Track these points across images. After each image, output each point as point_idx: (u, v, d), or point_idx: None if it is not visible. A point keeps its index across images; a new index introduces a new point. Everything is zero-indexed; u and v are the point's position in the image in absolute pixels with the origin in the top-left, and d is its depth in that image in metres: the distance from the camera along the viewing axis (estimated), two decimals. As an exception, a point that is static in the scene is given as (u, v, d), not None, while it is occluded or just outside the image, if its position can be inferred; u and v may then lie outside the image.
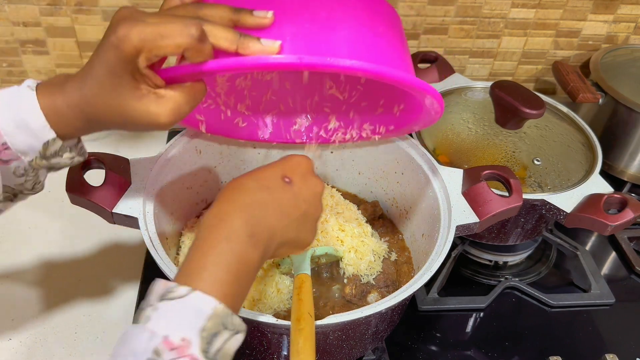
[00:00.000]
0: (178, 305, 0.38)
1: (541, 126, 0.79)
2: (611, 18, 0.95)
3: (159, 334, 0.37)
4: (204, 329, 0.38)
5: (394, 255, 0.70)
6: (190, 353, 0.37)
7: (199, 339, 0.38)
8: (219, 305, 0.39)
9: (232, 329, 0.40)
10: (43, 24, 0.86)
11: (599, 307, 0.77)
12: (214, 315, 0.39)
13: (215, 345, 0.38)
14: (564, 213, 0.68)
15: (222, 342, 0.39)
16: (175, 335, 0.37)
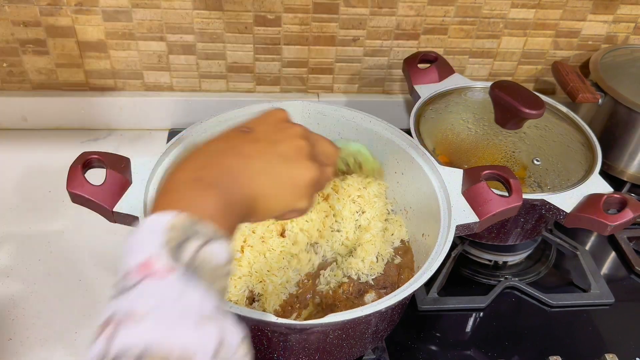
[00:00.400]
0: (136, 231, 0.36)
1: (541, 126, 0.79)
2: (611, 18, 0.96)
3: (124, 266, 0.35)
4: (167, 240, 0.35)
5: (398, 258, 0.70)
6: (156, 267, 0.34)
7: (163, 251, 0.34)
8: (178, 215, 0.36)
9: (202, 234, 0.36)
10: (43, 24, 0.86)
11: (599, 307, 0.77)
12: (173, 225, 0.35)
13: (187, 251, 0.35)
14: (564, 213, 0.68)
15: (195, 248, 0.35)
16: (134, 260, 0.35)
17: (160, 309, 0.33)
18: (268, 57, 0.94)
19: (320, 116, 0.75)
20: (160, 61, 0.92)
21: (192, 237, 0.35)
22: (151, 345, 0.31)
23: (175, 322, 0.32)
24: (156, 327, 0.32)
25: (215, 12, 0.87)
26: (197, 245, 0.35)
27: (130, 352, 0.30)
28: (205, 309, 0.34)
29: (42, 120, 0.95)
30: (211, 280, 0.36)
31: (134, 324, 0.32)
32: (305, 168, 0.44)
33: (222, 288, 0.37)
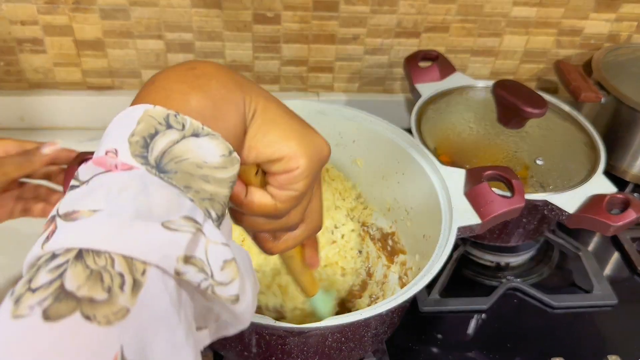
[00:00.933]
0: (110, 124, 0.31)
1: (543, 126, 0.78)
2: (613, 17, 0.95)
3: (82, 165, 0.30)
4: (132, 133, 0.29)
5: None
6: (116, 161, 0.29)
7: (127, 144, 0.29)
8: (154, 107, 0.30)
9: (180, 127, 0.30)
10: (41, 23, 0.85)
11: (602, 308, 0.76)
12: (145, 116, 0.30)
13: (156, 147, 0.29)
14: (567, 213, 0.67)
15: (166, 143, 0.29)
16: (98, 152, 0.30)
17: (110, 207, 0.27)
18: (267, 55, 0.93)
19: (321, 115, 0.75)
20: (158, 60, 0.92)
21: (167, 130, 0.29)
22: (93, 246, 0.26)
23: (128, 223, 0.27)
24: (101, 227, 0.26)
25: (214, 10, 0.87)
26: (170, 139, 0.29)
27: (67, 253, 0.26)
28: (172, 215, 0.28)
29: (39, 119, 0.94)
30: (188, 181, 0.29)
31: (74, 223, 0.27)
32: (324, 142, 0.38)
33: (210, 194, 0.30)
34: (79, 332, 0.24)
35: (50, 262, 0.26)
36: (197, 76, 0.33)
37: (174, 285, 0.27)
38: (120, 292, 0.25)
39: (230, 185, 0.32)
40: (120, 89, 0.95)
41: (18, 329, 0.24)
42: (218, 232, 0.30)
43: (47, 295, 0.24)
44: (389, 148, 0.72)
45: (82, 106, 0.94)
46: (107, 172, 0.28)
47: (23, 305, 0.24)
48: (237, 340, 0.58)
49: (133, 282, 0.26)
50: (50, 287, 0.25)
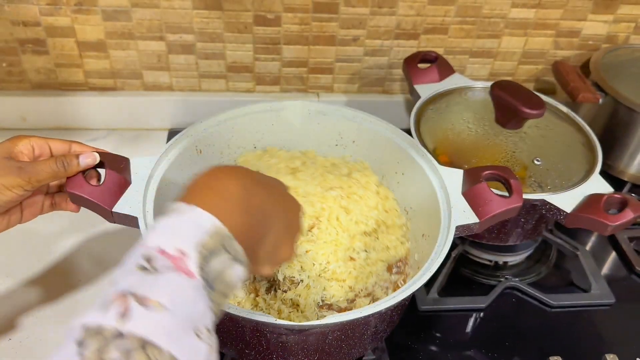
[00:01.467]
0: (175, 218, 0.37)
1: (541, 126, 0.79)
2: (611, 18, 0.95)
3: (152, 244, 0.35)
4: (202, 244, 0.36)
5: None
6: (185, 265, 0.35)
7: (196, 253, 0.35)
8: (220, 223, 0.37)
9: (232, 253, 0.37)
10: (43, 24, 0.86)
11: (599, 307, 0.77)
12: (215, 232, 0.36)
13: (212, 265, 0.36)
14: (564, 213, 0.68)
15: (220, 265, 0.36)
16: (169, 245, 0.35)
17: (173, 307, 0.33)
18: (268, 56, 0.94)
19: (321, 116, 0.75)
20: (160, 61, 0.92)
21: (224, 253, 0.36)
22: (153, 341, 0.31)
23: (179, 329, 0.33)
24: (165, 325, 0.32)
25: (215, 12, 0.87)
26: (223, 264, 0.36)
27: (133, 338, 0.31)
28: (201, 325, 0.34)
29: (41, 120, 0.95)
30: (220, 299, 0.37)
31: (145, 311, 0.32)
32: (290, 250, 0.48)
33: (222, 305, 0.38)
34: None
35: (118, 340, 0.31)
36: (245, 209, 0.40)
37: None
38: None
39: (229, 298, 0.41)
40: (122, 89, 0.95)
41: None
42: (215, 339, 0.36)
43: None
44: (388, 148, 0.73)
45: (84, 107, 0.94)
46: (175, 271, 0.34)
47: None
48: (238, 338, 0.58)
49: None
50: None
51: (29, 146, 0.57)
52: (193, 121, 0.71)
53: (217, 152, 0.73)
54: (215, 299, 0.36)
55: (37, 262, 0.74)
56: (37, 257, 0.75)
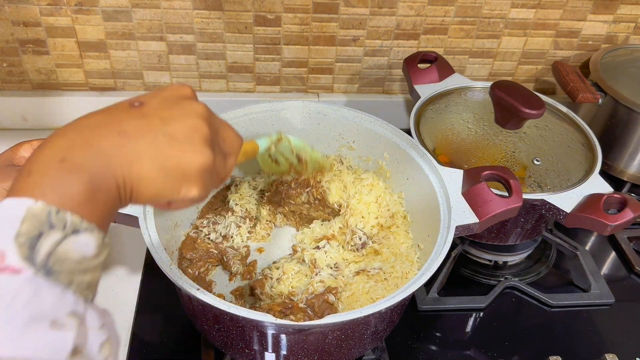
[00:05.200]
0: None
1: (541, 126, 0.79)
2: (611, 18, 0.95)
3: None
4: (18, 234, 0.31)
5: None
6: (6, 264, 0.30)
7: (15, 246, 0.30)
8: (35, 203, 0.31)
9: (62, 227, 0.32)
10: (43, 24, 0.86)
11: (599, 307, 0.77)
12: (28, 215, 0.31)
13: (42, 249, 0.31)
14: (564, 213, 0.68)
15: (51, 245, 0.31)
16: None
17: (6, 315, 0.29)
18: (268, 57, 0.94)
19: (321, 116, 0.75)
20: (160, 61, 0.92)
21: (50, 231, 0.31)
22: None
23: (22, 330, 0.29)
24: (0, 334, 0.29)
25: (215, 12, 0.87)
26: (54, 241, 0.31)
27: None
28: (59, 313, 0.30)
29: (42, 120, 0.95)
30: (71, 277, 0.32)
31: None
32: (198, 152, 0.38)
33: (87, 283, 0.33)
34: None
35: None
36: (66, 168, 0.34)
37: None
38: None
39: (101, 266, 0.35)
40: (122, 90, 0.95)
41: None
42: (96, 317, 0.33)
43: None
44: (388, 148, 0.73)
45: (85, 107, 0.94)
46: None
47: None
48: (238, 337, 0.58)
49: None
50: None
51: (31, 149, 0.57)
52: (193, 121, 0.71)
53: (217, 152, 0.73)
54: (65, 280, 0.32)
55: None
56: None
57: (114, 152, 0.36)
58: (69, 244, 0.32)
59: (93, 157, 0.35)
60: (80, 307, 0.32)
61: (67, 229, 0.32)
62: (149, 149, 0.37)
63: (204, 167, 0.39)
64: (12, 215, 0.31)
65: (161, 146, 0.37)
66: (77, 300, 0.32)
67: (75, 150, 0.35)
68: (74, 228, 0.32)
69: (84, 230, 0.33)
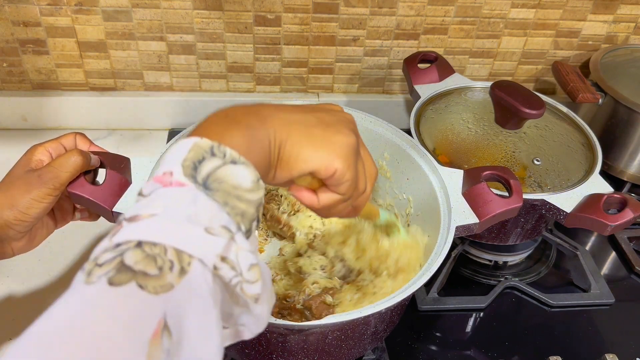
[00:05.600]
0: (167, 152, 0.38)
1: (541, 126, 0.79)
2: (611, 18, 0.95)
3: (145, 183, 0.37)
4: (185, 159, 0.36)
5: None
6: (171, 180, 0.35)
7: (181, 167, 0.36)
8: (201, 139, 0.37)
9: (222, 156, 0.36)
10: (43, 24, 0.86)
11: (599, 307, 0.77)
12: (195, 146, 0.36)
13: (203, 170, 0.36)
14: (564, 213, 0.68)
15: (211, 168, 0.36)
16: (155, 173, 0.37)
17: (167, 212, 0.33)
18: (268, 57, 0.94)
19: (320, 116, 0.75)
20: (160, 61, 0.92)
21: (211, 157, 0.36)
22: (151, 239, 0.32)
23: (180, 225, 0.33)
24: (159, 225, 0.33)
25: (215, 12, 0.87)
26: (214, 165, 0.36)
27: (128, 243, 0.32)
28: (213, 223, 0.34)
29: (42, 120, 0.95)
30: (227, 199, 0.36)
31: (135, 224, 0.33)
32: (344, 134, 0.42)
33: (242, 211, 0.36)
34: (134, 296, 0.30)
35: (109, 251, 0.32)
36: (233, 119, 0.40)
37: (211, 278, 0.33)
38: (169, 272, 0.31)
39: (257, 206, 0.37)
40: (122, 90, 0.95)
41: (90, 292, 0.30)
42: (246, 242, 0.36)
43: (110, 268, 0.31)
44: (388, 149, 0.73)
45: (85, 107, 0.95)
46: (164, 188, 0.35)
47: (93, 275, 0.31)
48: (238, 338, 0.58)
49: (180, 268, 0.32)
50: (112, 262, 0.31)
51: (46, 152, 0.58)
52: (193, 121, 0.71)
53: (217, 152, 0.73)
54: (221, 199, 0.35)
55: (38, 262, 0.75)
56: (38, 257, 0.75)
57: (270, 115, 0.41)
58: (227, 170, 0.36)
59: (252, 116, 0.40)
60: (233, 227, 0.35)
61: (227, 158, 0.36)
62: (300, 119, 0.42)
63: (349, 144, 0.42)
64: (182, 148, 0.36)
65: (311, 122, 0.42)
66: (230, 220, 0.36)
67: (238, 111, 0.41)
68: (232, 159, 0.37)
69: (241, 163, 0.37)
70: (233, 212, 0.36)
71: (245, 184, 0.37)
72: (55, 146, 0.59)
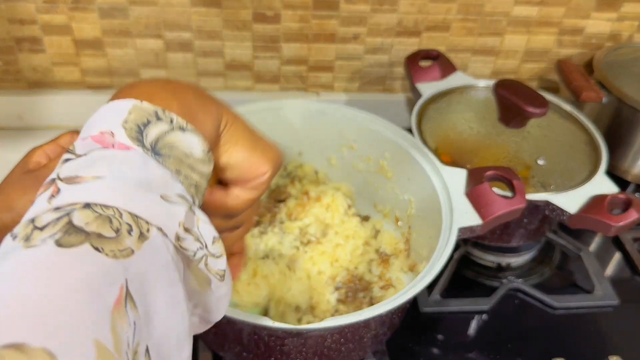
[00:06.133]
0: (95, 114, 0.33)
1: (544, 125, 0.78)
2: (615, 16, 0.94)
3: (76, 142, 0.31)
4: (125, 120, 0.31)
5: None
6: (113, 140, 0.30)
7: (123, 129, 0.31)
8: (141, 102, 0.32)
9: (168, 121, 0.32)
10: (39, 22, 0.85)
11: (603, 309, 0.76)
12: (135, 108, 0.32)
13: (150, 134, 0.31)
14: (568, 214, 0.67)
15: (159, 131, 0.31)
16: (89, 131, 0.31)
17: (114, 175, 0.29)
18: (267, 54, 0.93)
19: (321, 115, 0.74)
20: (158, 59, 0.91)
21: (157, 121, 0.32)
22: (101, 201, 0.27)
23: (133, 190, 0.29)
24: (108, 188, 0.28)
25: (213, 9, 0.86)
26: (162, 129, 0.32)
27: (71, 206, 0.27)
28: (168, 191, 0.30)
29: (38, 119, 0.94)
30: (179, 166, 0.32)
31: (79, 185, 0.28)
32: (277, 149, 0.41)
33: (195, 182, 0.33)
34: (89, 260, 0.25)
35: (51, 212, 0.27)
36: (175, 88, 0.35)
37: (173, 249, 0.30)
38: (127, 235, 0.27)
39: (207, 180, 0.34)
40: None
41: (33, 255, 0.25)
42: (204, 214, 0.32)
43: (56, 230, 0.26)
44: (389, 148, 0.72)
45: (81, 105, 0.93)
46: (106, 149, 0.30)
47: (34, 239, 0.26)
48: (236, 341, 0.57)
49: (139, 233, 0.28)
50: (58, 224, 0.26)
51: (44, 154, 0.57)
52: (191, 120, 0.70)
53: (215, 152, 0.72)
54: (173, 167, 0.32)
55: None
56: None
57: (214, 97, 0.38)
58: (177, 136, 0.32)
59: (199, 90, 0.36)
60: (189, 197, 0.32)
61: (174, 124, 0.32)
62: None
63: (279, 159, 0.41)
64: (118, 109, 0.32)
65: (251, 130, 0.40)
66: (184, 191, 0.32)
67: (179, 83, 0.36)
68: (180, 125, 0.32)
69: (190, 131, 0.33)
70: (187, 182, 0.32)
71: (197, 153, 0.33)
72: (53, 148, 0.58)
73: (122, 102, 0.32)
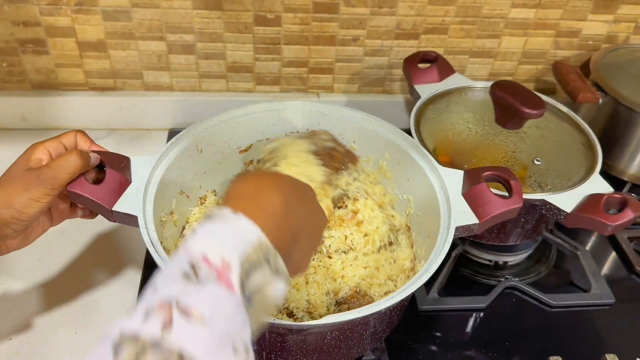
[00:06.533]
0: (220, 224, 0.37)
1: (541, 126, 0.79)
2: (611, 18, 0.95)
3: (197, 251, 0.35)
4: (246, 256, 0.36)
5: None
6: (228, 277, 0.35)
7: (239, 266, 0.35)
8: (264, 236, 0.37)
9: (274, 268, 0.37)
10: (43, 24, 0.86)
11: (599, 307, 0.77)
12: (259, 245, 0.36)
13: (253, 279, 0.36)
14: (564, 213, 0.68)
15: (261, 279, 0.36)
16: (213, 253, 0.35)
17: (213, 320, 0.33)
18: (268, 56, 0.94)
19: (321, 116, 0.75)
20: (160, 61, 0.92)
21: (265, 265, 0.36)
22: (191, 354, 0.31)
23: (217, 344, 0.33)
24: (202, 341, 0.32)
25: (215, 12, 0.87)
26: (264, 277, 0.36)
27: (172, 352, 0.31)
28: (239, 342, 0.34)
29: (42, 120, 0.95)
30: (258, 314, 0.37)
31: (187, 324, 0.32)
32: None
33: (261, 325, 0.38)
34: None
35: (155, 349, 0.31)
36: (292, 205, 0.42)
37: None
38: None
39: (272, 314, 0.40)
40: (122, 89, 0.95)
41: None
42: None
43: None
44: (388, 149, 0.73)
45: (84, 107, 0.94)
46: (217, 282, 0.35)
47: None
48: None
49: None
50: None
51: (45, 151, 0.57)
52: (193, 121, 0.71)
53: (217, 152, 0.73)
54: (254, 315, 0.36)
55: (38, 262, 0.74)
56: (38, 257, 0.75)
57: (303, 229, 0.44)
58: (272, 286, 0.37)
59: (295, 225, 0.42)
60: (250, 345, 0.35)
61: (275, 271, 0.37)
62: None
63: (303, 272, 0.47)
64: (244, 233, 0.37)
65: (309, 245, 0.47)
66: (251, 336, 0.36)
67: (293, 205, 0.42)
68: (279, 273, 0.38)
69: (283, 277, 0.38)
70: (255, 324, 0.37)
71: (279, 300, 0.38)
72: (55, 145, 0.58)
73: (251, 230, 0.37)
